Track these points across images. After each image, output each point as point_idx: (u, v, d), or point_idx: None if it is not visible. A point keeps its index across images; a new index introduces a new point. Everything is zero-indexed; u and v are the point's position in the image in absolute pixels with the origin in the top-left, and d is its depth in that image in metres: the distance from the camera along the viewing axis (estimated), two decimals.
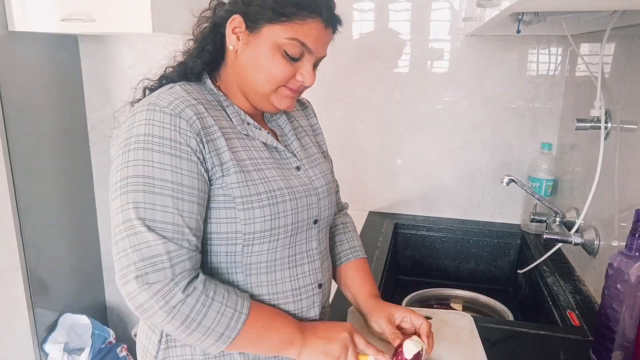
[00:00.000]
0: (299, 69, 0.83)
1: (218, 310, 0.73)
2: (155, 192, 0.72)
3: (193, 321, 0.72)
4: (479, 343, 0.94)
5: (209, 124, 0.78)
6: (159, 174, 0.72)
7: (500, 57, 1.64)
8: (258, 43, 0.80)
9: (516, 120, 1.68)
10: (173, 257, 0.72)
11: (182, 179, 0.73)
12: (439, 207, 1.81)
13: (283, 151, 0.89)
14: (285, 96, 0.85)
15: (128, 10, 1.55)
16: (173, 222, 0.72)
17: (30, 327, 1.81)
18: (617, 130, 1.16)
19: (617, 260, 0.86)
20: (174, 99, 0.76)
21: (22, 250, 1.75)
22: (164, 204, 0.72)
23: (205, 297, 0.73)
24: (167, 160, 0.73)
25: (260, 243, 0.81)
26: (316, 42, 0.81)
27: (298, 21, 0.78)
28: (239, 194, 0.78)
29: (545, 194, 1.59)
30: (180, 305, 0.71)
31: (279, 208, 0.81)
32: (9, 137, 1.67)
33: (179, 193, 0.73)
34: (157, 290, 0.70)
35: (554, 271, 1.38)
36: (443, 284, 1.67)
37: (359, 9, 1.71)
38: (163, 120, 0.74)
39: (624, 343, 0.88)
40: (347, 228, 1.09)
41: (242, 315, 0.75)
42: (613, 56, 1.22)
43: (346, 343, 0.81)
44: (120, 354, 2.01)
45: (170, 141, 0.73)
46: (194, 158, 0.74)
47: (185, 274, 0.72)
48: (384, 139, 1.80)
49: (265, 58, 0.80)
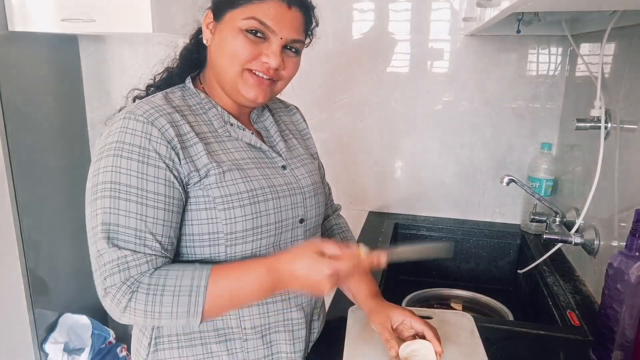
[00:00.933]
0: (264, 50, 0.81)
1: (173, 294, 0.74)
2: (120, 198, 0.74)
3: (153, 312, 0.73)
4: (479, 343, 0.94)
5: (185, 132, 0.79)
6: (124, 179, 0.74)
7: (500, 57, 1.64)
8: (222, 29, 0.82)
9: (516, 120, 1.68)
10: (129, 260, 0.73)
11: (147, 184, 0.75)
12: (439, 207, 1.81)
13: (268, 151, 0.89)
14: (251, 84, 0.82)
15: (128, 10, 1.55)
16: (135, 228, 0.74)
17: (30, 327, 1.80)
18: (617, 130, 1.16)
19: (617, 260, 0.86)
20: (150, 107, 0.78)
21: (22, 250, 1.75)
22: (128, 209, 0.74)
23: (155, 287, 0.74)
24: (133, 166, 0.74)
25: (243, 243, 0.81)
26: (278, 21, 0.80)
27: (256, 2, 0.79)
28: (218, 194, 0.78)
29: (545, 194, 1.59)
30: (132, 302, 0.73)
31: (260, 207, 0.81)
32: (9, 137, 1.67)
33: (143, 199, 0.74)
34: (113, 294, 0.73)
35: (554, 271, 1.38)
36: (443, 284, 1.67)
37: (359, 9, 1.71)
38: (135, 128, 0.75)
39: (624, 343, 0.88)
40: (341, 228, 1.10)
41: (201, 287, 0.75)
42: (613, 56, 1.22)
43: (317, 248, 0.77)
44: (120, 354, 2.01)
45: (139, 148, 0.74)
46: (161, 164, 0.75)
47: (139, 276, 0.74)
48: (384, 139, 1.80)
49: (228, 41, 0.80)
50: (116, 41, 1.95)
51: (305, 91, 1.80)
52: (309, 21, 0.86)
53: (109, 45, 1.96)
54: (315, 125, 1.08)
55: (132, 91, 0.90)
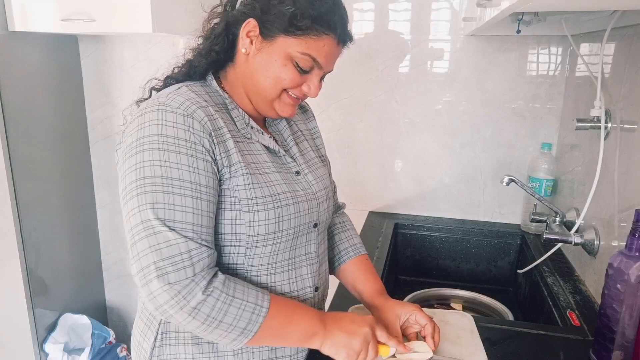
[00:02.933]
0: (307, 81, 0.84)
1: (239, 307, 0.74)
2: (174, 193, 0.72)
3: (215, 320, 0.72)
4: (479, 343, 0.94)
5: (219, 126, 0.78)
6: (177, 174, 0.73)
7: (500, 57, 1.64)
8: (271, 51, 0.81)
9: (516, 120, 1.68)
10: (193, 255, 0.72)
11: (200, 178, 0.74)
12: (438, 207, 1.81)
13: (284, 156, 0.89)
14: (287, 104, 0.86)
15: (128, 10, 1.55)
16: (193, 222, 0.73)
17: (30, 327, 1.81)
18: (617, 130, 1.16)
19: (617, 260, 0.86)
20: (185, 99, 0.76)
21: (22, 250, 1.75)
22: (184, 204, 0.72)
23: (226, 296, 0.73)
24: (184, 160, 0.73)
25: (263, 246, 0.82)
26: (327, 58, 0.83)
27: (313, 36, 0.79)
28: (244, 196, 0.78)
29: (545, 194, 1.59)
30: (201, 305, 0.71)
31: (283, 212, 0.82)
32: (9, 137, 1.67)
33: (197, 193, 0.74)
34: (178, 291, 0.70)
35: (554, 271, 1.38)
36: (443, 284, 1.67)
37: (359, 9, 1.71)
38: (176, 121, 0.74)
39: (624, 343, 0.88)
40: (346, 226, 1.09)
41: (264, 309, 0.76)
42: (613, 56, 1.22)
43: (367, 337, 0.81)
44: (120, 354, 2.01)
45: (185, 142, 0.73)
46: (208, 158, 0.75)
47: (205, 273, 0.73)
48: (383, 139, 1.80)
49: (277, 66, 0.81)
50: (116, 41, 1.95)
51: None
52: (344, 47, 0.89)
53: (109, 45, 1.96)
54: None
55: (151, 81, 0.88)
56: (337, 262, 1.04)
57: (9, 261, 1.74)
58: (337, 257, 1.04)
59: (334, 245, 1.05)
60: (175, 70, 0.88)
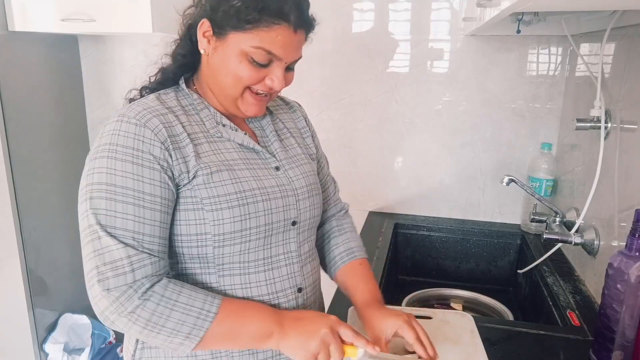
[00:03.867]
0: (268, 74, 0.82)
1: (182, 311, 0.73)
2: (117, 200, 0.73)
3: (156, 324, 0.72)
4: (479, 343, 0.94)
5: (177, 132, 0.79)
6: (120, 181, 0.74)
7: (500, 57, 1.64)
8: (225, 49, 0.80)
9: (516, 120, 1.68)
10: (134, 261, 0.73)
11: (144, 186, 0.74)
12: (439, 207, 1.81)
13: (261, 151, 0.88)
14: (251, 103, 0.84)
15: (128, 10, 1.55)
16: (133, 230, 0.73)
17: (30, 327, 1.81)
18: (617, 130, 1.16)
19: (617, 260, 0.86)
20: (143, 109, 0.78)
21: (22, 250, 1.75)
22: (125, 211, 0.73)
23: (168, 300, 0.73)
24: (128, 168, 0.74)
25: (231, 244, 0.80)
26: (284, 48, 0.79)
27: (264, 28, 0.77)
28: (206, 195, 0.78)
29: (545, 194, 1.59)
30: (139, 310, 0.72)
31: (250, 209, 0.80)
32: (9, 137, 1.67)
33: (140, 200, 0.74)
34: (116, 297, 0.71)
35: (554, 271, 1.38)
36: (443, 284, 1.67)
37: (359, 9, 1.71)
38: (128, 130, 0.75)
39: (624, 343, 0.88)
40: (343, 229, 1.05)
41: (210, 313, 0.74)
42: (613, 56, 1.22)
43: (326, 339, 0.77)
44: (120, 354, 2.01)
45: (132, 150, 0.74)
46: (156, 166, 0.75)
47: (145, 280, 0.73)
48: (384, 139, 1.80)
49: (233, 64, 0.80)
50: (116, 41, 1.95)
51: (305, 91, 1.80)
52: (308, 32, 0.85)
53: (109, 45, 1.96)
54: (315, 125, 1.07)
55: (130, 92, 0.90)
56: (333, 268, 1.01)
57: (9, 261, 1.74)
58: (332, 262, 1.01)
59: (330, 250, 1.02)
60: (152, 79, 0.89)
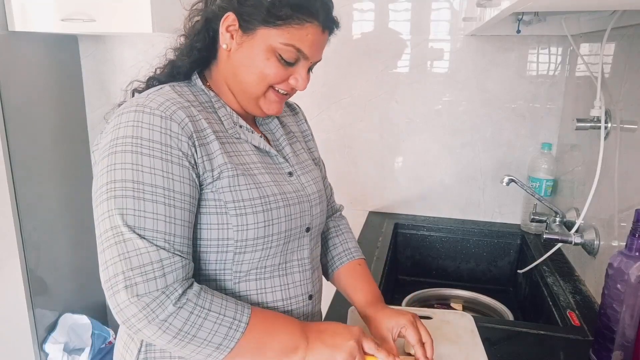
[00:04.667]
0: (293, 74, 0.80)
1: (215, 321, 0.70)
2: (145, 199, 0.68)
3: (187, 334, 0.68)
4: (479, 343, 0.94)
5: (202, 127, 0.75)
6: (149, 179, 0.69)
7: (500, 57, 1.64)
8: (252, 44, 0.77)
9: (516, 120, 1.68)
10: (165, 265, 0.68)
11: (174, 184, 0.70)
12: (438, 207, 1.81)
13: (276, 156, 0.85)
14: (273, 101, 0.82)
15: (128, 10, 1.55)
16: (165, 231, 0.69)
17: (30, 327, 1.81)
18: (617, 130, 1.16)
19: (617, 260, 0.86)
20: (165, 100, 0.73)
21: (22, 250, 1.75)
22: (155, 211, 0.68)
23: (201, 309, 0.69)
24: (157, 164, 0.69)
25: (252, 251, 0.78)
26: (312, 47, 0.78)
27: (295, 25, 0.75)
28: (230, 199, 0.74)
29: (545, 194, 1.59)
30: (172, 318, 0.67)
31: (273, 215, 0.78)
32: (9, 137, 1.67)
33: (170, 200, 0.69)
34: (147, 303, 0.66)
35: (554, 271, 1.38)
36: (443, 284, 1.67)
37: (359, 9, 1.71)
38: (152, 123, 0.70)
39: (624, 343, 0.88)
40: (340, 230, 1.05)
41: (242, 323, 0.71)
42: (613, 56, 1.22)
43: (353, 351, 0.75)
44: None
45: (160, 145, 0.70)
46: (185, 163, 0.71)
47: (177, 285, 0.69)
48: (384, 139, 1.80)
49: (259, 60, 0.77)
50: (116, 41, 1.95)
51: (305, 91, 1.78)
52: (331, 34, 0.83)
53: (109, 45, 1.96)
54: (315, 125, 1.07)
55: (132, 83, 0.84)
56: (331, 268, 1.00)
57: (9, 261, 1.74)
58: (330, 263, 1.01)
59: (328, 251, 1.02)
60: (158, 72, 0.84)
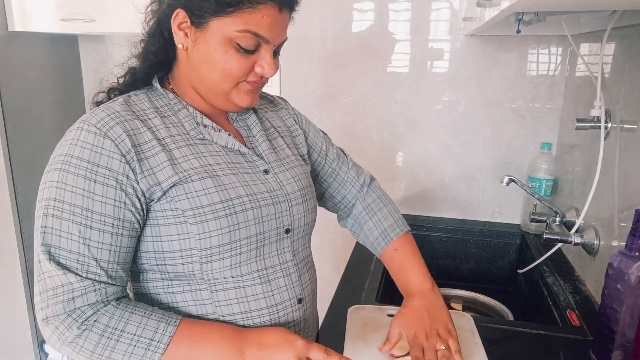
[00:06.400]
0: (258, 60, 0.75)
1: (129, 343, 0.68)
2: (63, 218, 0.67)
3: (101, 356, 0.68)
4: (479, 343, 0.94)
5: (145, 140, 0.71)
6: (69, 197, 0.67)
7: (500, 57, 1.64)
8: (207, 39, 0.72)
9: (516, 120, 1.68)
10: (75, 289, 0.67)
11: (94, 204, 0.68)
12: (439, 207, 1.81)
13: (247, 154, 0.81)
14: (247, 91, 0.77)
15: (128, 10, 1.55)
16: (78, 252, 0.68)
17: (30, 327, 1.81)
18: (617, 130, 1.16)
19: (617, 260, 0.86)
20: (106, 115, 0.71)
21: (22, 250, 1.75)
22: (70, 231, 0.67)
23: (113, 330, 0.67)
24: (79, 183, 0.67)
25: (220, 259, 0.74)
26: (271, 29, 0.73)
27: (247, 10, 0.70)
28: (188, 206, 0.71)
29: (545, 194, 1.59)
30: (81, 340, 0.67)
31: (238, 218, 0.74)
32: (9, 137, 1.67)
33: (87, 220, 0.67)
34: (56, 326, 0.67)
35: (554, 271, 1.38)
36: (443, 284, 1.66)
37: (359, 9, 1.71)
38: (86, 140, 0.68)
39: (624, 343, 0.88)
40: (372, 210, 0.99)
41: (161, 344, 0.68)
42: (613, 56, 1.22)
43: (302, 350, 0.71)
44: None
45: (87, 163, 0.68)
46: (111, 182, 0.68)
47: (86, 308, 0.68)
48: (384, 139, 1.80)
49: (218, 55, 0.72)
50: (116, 41, 1.95)
51: (305, 91, 1.80)
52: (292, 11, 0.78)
53: (109, 45, 1.96)
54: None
55: (97, 95, 0.82)
56: (376, 254, 1.00)
57: (9, 261, 1.74)
58: (372, 249, 1.00)
59: (367, 238, 0.99)
60: (121, 81, 0.82)
